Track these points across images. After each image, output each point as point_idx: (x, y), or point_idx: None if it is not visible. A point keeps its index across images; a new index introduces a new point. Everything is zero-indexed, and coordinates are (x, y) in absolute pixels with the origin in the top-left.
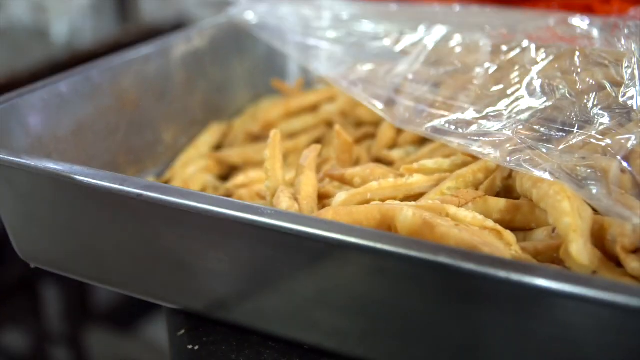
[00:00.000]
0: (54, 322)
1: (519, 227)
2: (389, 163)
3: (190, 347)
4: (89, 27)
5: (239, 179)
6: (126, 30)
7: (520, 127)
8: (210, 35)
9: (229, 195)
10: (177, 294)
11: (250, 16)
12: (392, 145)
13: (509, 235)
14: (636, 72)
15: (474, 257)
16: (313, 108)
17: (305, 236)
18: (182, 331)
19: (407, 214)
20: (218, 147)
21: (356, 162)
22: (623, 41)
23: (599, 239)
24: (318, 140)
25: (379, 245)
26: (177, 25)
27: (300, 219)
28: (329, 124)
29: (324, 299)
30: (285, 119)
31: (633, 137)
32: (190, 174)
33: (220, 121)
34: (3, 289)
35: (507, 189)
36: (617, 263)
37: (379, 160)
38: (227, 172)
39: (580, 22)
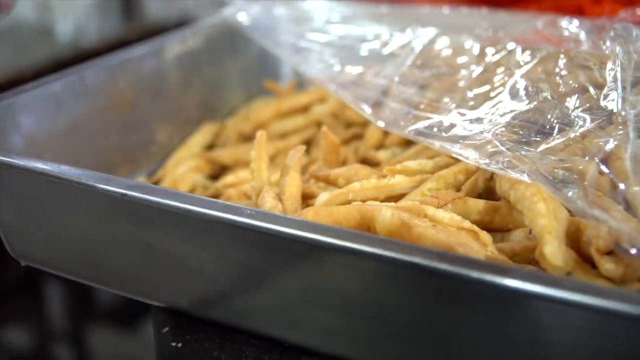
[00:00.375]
0: (55, 320)
1: (498, 228)
2: (375, 164)
3: (173, 344)
4: (94, 26)
5: (228, 178)
6: (130, 29)
7: (502, 129)
8: (205, 35)
9: (218, 195)
10: (161, 291)
11: (243, 17)
12: (380, 146)
13: (485, 236)
14: (619, 74)
15: (448, 257)
16: (304, 109)
17: (282, 236)
18: (167, 328)
19: (385, 215)
20: (210, 147)
21: (343, 163)
22: (608, 43)
23: (575, 240)
24: (308, 141)
25: (354, 246)
26: (181, 24)
27: (277, 219)
28: (320, 125)
29: (304, 297)
30: (277, 120)
31: (612, 139)
32: (181, 174)
33: (213, 121)
34: (4, 288)
35: (489, 190)
36: (593, 264)
37: (366, 161)
38: (219, 172)
39: (568, 24)
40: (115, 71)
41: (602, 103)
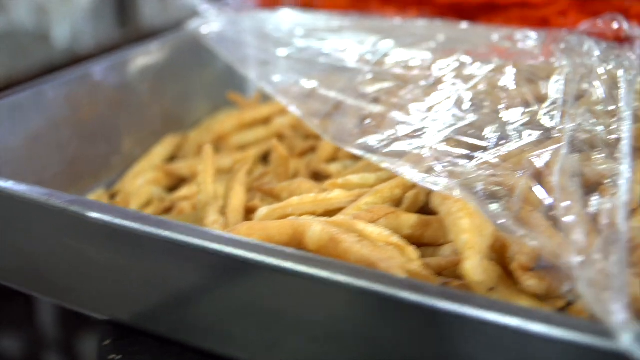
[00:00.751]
0: (49, 327)
1: (429, 243)
2: (327, 177)
3: (112, 356)
4: (89, 31)
5: (182, 191)
6: (125, 34)
7: (441, 144)
8: (170, 47)
9: (172, 208)
10: (102, 304)
11: (207, 30)
12: (333, 159)
13: (411, 251)
14: (561, 88)
15: (366, 274)
16: (266, 120)
17: (207, 251)
18: (109, 341)
19: (315, 230)
20: (172, 158)
21: (294, 176)
22: (558, 55)
23: (502, 256)
24: (268, 153)
25: (272, 262)
26: (176, 29)
27: (202, 234)
28: (280, 137)
29: (236, 311)
30: (238, 131)
31: (546, 154)
32: (138, 186)
33: (179, 133)
34: None
35: None
36: None
37: (317, 173)
38: (178, 184)
39: (524, 37)
40: (77, 84)
41: (542, 117)
